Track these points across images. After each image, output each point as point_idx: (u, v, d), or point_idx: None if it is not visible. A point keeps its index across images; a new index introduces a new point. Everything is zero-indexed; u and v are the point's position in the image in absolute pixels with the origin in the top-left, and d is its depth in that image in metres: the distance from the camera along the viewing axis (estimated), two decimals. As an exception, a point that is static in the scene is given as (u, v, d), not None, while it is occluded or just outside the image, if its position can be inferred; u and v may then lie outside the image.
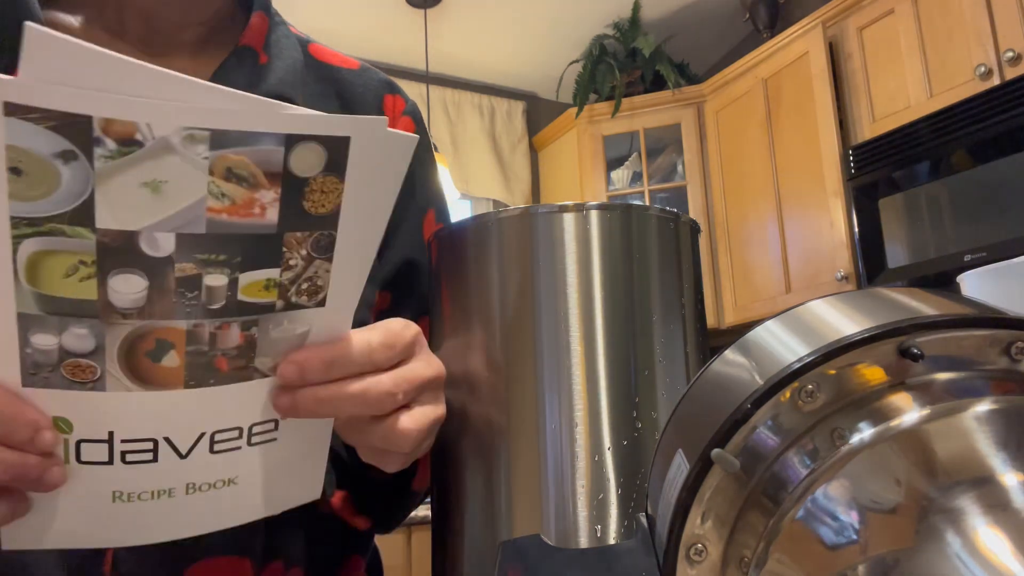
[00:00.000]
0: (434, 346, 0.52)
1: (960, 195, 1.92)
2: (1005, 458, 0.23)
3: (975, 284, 0.80)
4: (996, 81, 1.90)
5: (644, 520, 0.43)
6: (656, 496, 0.31)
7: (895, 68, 2.16)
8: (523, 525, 0.44)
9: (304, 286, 0.35)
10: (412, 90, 3.02)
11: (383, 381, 0.38)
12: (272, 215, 0.32)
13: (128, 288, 0.31)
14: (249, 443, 0.38)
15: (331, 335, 0.37)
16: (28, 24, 0.26)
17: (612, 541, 0.43)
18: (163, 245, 0.31)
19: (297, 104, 0.60)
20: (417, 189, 0.65)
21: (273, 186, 0.31)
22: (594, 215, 0.46)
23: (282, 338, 0.35)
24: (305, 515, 0.56)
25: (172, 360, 0.33)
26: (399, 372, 0.39)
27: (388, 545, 2.01)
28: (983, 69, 1.91)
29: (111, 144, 0.28)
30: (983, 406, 0.24)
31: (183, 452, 0.36)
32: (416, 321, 0.44)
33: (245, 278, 0.33)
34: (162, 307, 0.32)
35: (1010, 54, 1.86)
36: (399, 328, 0.40)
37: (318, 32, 2.79)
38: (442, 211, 0.68)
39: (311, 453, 0.42)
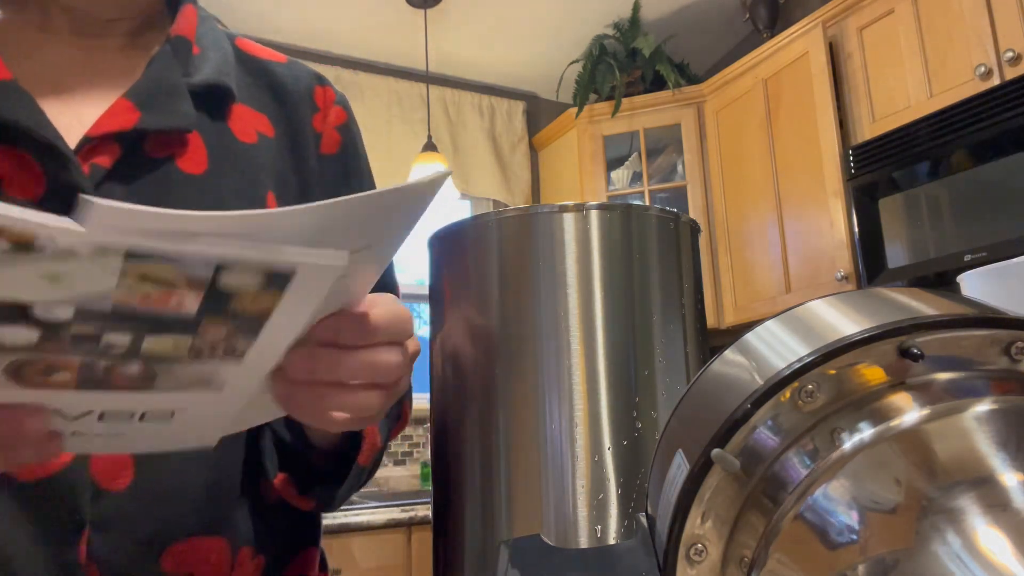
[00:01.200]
0: (433, 346, 0.52)
1: (960, 195, 1.92)
2: (1005, 458, 0.23)
3: (975, 284, 0.80)
4: (996, 81, 1.90)
5: (644, 520, 0.43)
6: (656, 496, 0.31)
7: (895, 68, 2.15)
8: (523, 525, 0.44)
9: (220, 349, 0.32)
10: (412, 90, 3.02)
11: (393, 356, 0.40)
12: (191, 307, 0.29)
13: (15, 338, 0.28)
14: (140, 421, 0.37)
15: (243, 385, 0.36)
16: None
17: (612, 541, 0.43)
18: (60, 314, 0.28)
19: (231, 92, 0.59)
20: (352, 181, 0.66)
21: (196, 290, 0.29)
22: (594, 215, 0.46)
23: (185, 374, 0.33)
24: (260, 503, 0.56)
25: (64, 376, 0.31)
26: (404, 349, 0.41)
27: (388, 545, 2.01)
28: (983, 69, 1.91)
29: (3, 244, 0.25)
30: (983, 406, 0.24)
31: (68, 417, 0.35)
32: None
33: (152, 339, 0.31)
34: (54, 348, 0.29)
35: (1010, 54, 1.86)
36: (405, 316, 0.41)
37: (319, 32, 2.80)
38: None
39: (210, 426, 0.40)
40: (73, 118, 0.53)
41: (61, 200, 0.49)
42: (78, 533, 0.48)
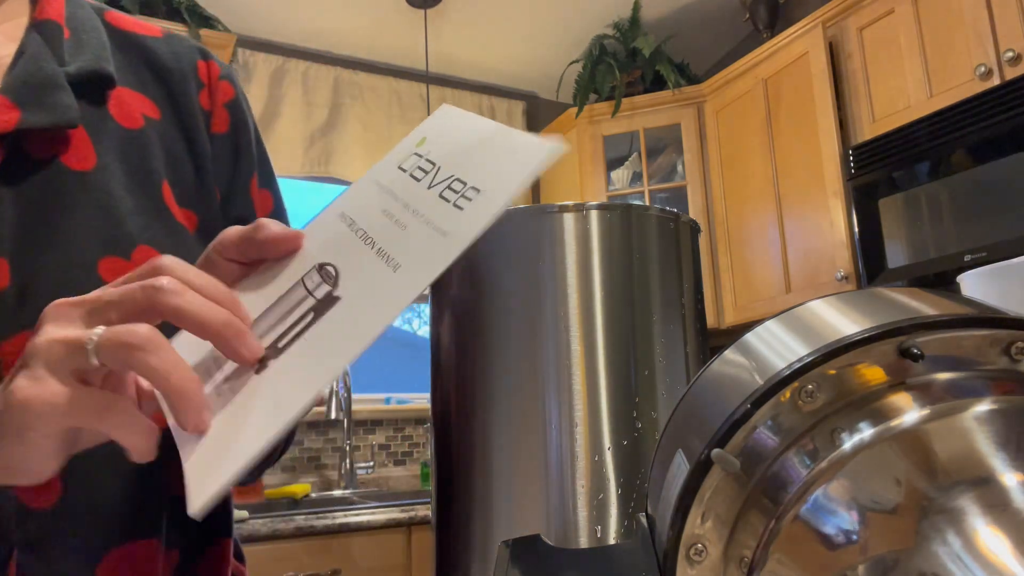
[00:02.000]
0: (434, 345, 0.52)
1: (960, 195, 1.92)
2: (1005, 458, 0.23)
3: (975, 284, 0.80)
4: (996, 81, 1.90)
5: (644, 520, 0.43)
6: (656, 496, 0.31)
7: (895, 68, 2.15)
8: (523, 525, 0.44)
9: None
10: (412, 90, 3.02)
11: None
12: None
13: None
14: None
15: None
16: None
17: (612, 541, 0.43)
18: None
19: (112, 79, 0.54)
20: (242, 155, 0.63)
21: None
22: (594, 215, 0.46)
23: None
24: (173, 495, 0.53)
25: None
26: None
27: (388, 545, 2.01)
28: (983, 69, 1.91)
29: None
30: (983, 406, 0.24)
31: None
32: None
33: None
34: None
35: (1010, 54, 1.86)
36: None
37: (319, 32, 2.80)
38: (264, 174, 0.66)
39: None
40: None
41: None
42: (7, 556, 0.45)
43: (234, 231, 0.45)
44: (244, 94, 0.65)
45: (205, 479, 0.36)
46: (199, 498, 0.34)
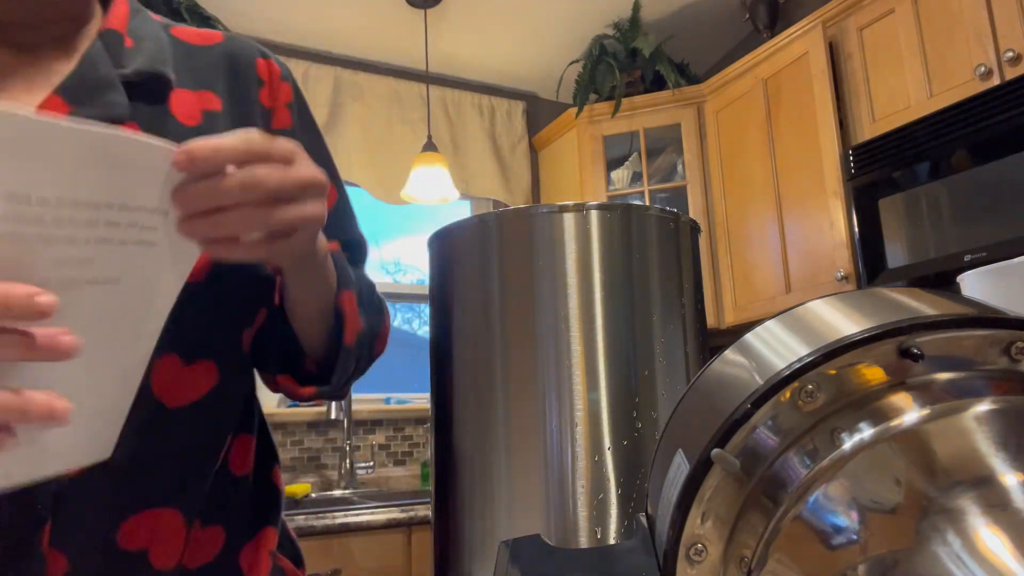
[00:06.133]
0: (434, 345, 0.52)
1: (960, 195, 1.92)
2: (1005, 458, 0.23)
3: (975, 284, 0.80)
4: (996, 81, 1.90)
5: (644, 520, 0.43)
6: (656, 496, 0.31)
7: (895, 68, 2.15)
8: (523, 525, 0.44)
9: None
10: (412, 90, 3.02)
11: (263, 171, 0.42)
12: None
13: None
14: None
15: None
16: None
17: (612, 541, 0.43)
18: None
19: (167, 79, 0.58)
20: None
21: None
22: (594, 215, 0.46)
23: None
24: (226, 476, 0.57)
25: None
26: (282, 168, 0.43)
27: (388, 545, 2.01)
28: (983, 69, 1.91)
29: None
30: (983, 406, 0.24)
31: None
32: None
33: None
34: None
35: (1010, 54, 1.86)
36: (259, 141, 0.43)
37: (318, 32, 2.80)
38: (334, 177, 0.68)
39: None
40: None
41: None
42: (40, 522, 0.47)
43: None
44: (302, 94, 0.69)
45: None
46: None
